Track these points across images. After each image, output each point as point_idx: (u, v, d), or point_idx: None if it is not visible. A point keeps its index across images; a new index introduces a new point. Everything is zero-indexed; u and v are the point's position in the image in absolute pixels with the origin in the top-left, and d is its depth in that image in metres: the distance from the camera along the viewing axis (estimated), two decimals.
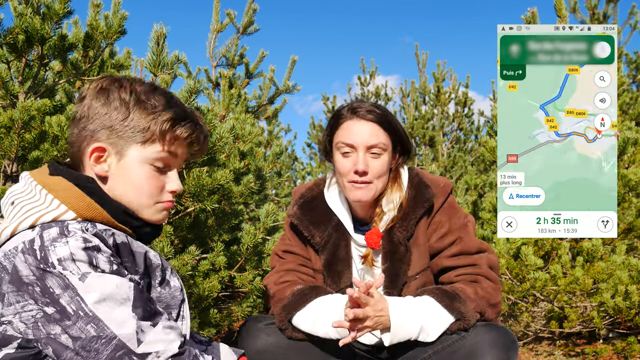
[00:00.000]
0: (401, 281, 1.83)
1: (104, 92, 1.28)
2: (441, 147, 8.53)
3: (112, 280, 1.16)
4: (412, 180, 1.88)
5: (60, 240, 1.15)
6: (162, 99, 1.30)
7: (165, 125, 1.28)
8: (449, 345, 1.67)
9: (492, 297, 1.76)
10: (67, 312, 1.13)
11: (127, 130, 1.26)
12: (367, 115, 1.78)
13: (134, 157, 1.28)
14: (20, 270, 1.14)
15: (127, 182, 1.29)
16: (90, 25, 2.80)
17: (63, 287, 1.13)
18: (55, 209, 1.21)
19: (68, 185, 1.25)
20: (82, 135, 1.28)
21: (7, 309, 1.15)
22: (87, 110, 1.28)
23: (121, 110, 1.26)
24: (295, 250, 1.96)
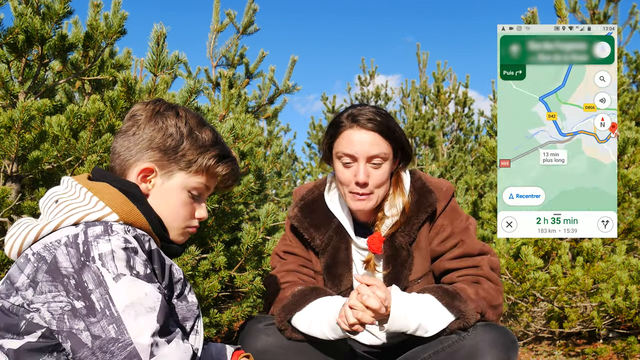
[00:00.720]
0: (402, 286, 1.83)
1: (160, 116, 1.39)
2: (441, 147, 8.53)
3: (143, 288, 1.22)
4: (414, 185, 1.87)
5: (104, 237, 1.22)
6: (211, 134, 1.42)
7: (211, 161, 1.41)
8: (449, 345, 1.67)
9: (494, 298, 1.76)
10: (94, 309, 1.18)
11: (177, 157, 1.38)
12: (367, 124, 1.74)
13: (178, 182, 1.39)
14: (60, 262, 1.20)
15: (164, 203, 1.39)
16: (90, 25, 2.80)
17: (97, 284, 1.18)
18: (100, 210, 1.28)
19: (113, 190, 1.33)
20: (132, 151, 1.38)
21: (38, 297, 1.20)
22: (142, 129, 1.38)
23: (175, 137, 1.37)
24: (296, 251, 1.96)
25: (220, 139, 1.45)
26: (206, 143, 1.40)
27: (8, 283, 1.25)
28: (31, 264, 1.23)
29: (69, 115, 2.49)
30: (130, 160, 1.38)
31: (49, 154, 2.45)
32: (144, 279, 1.23)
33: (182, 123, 1.39)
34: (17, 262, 1.26)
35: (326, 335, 1.69)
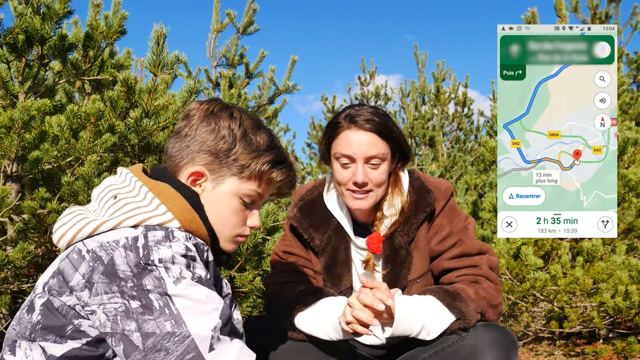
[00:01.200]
0: (401, 285, 1.83)
1: (214, 117, 1.33)
2: (441, 147, 8.53)
3: (203, 291, 1.18)
4: (413, 184, 1.87)
5: (165, 243, 1.18)
6: (266, 138, 1.35)
7: (265, 167, 1.33)
8: (449, 345, 1.67)
9: (493, 298, 1.76)
10: (152, 307, 1.14)
11: (229, 161, 1.31)
12: (365, 125, 1.73)
13: (229, 188, 1.32)
14: (117, 264, 1.16)
15: (214, 210, 1.32)
16: (90, 25, 2.80)
17: (155, 285, 1.15)
18: (162, 215, 1.24)
19: (175, 194, 1.28)
20: (183, 153, 1.32)
21: (94, 298, 1.16)
22: (194, 130, 1.32)
23: (228, 140, 1.31)
24: (296, 251, 1.96)
25: (277, 143, 1.38)
26: (260, 147, 1.33)
27: (61, 280, 1.20)
28: (86, 262, 1.19)
29: (69, 115, 2.49)
30: (181, 162, 1.32)
31: (49, 154, 2.45)
32: (204, 284, 1.19)
33: (235, 125, 1.32)
34: (70, 257, 1.22)
35: (329, 336, 1.69)
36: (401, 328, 1.63)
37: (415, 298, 1.69)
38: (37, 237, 2.59)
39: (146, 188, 1.28)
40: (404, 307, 1.63)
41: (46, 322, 1.19)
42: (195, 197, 1.30)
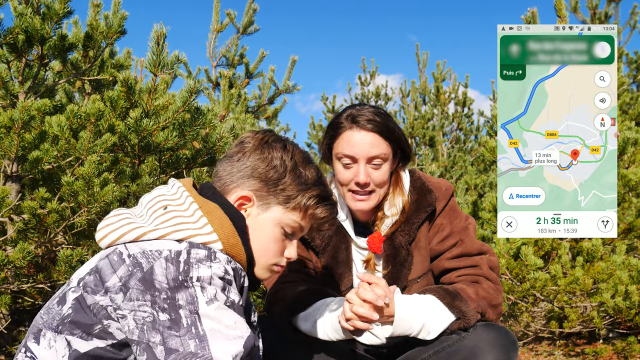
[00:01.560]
0: (402, 285, 1.83)
1: (268, 146, 1.37)
2: (441, 147, 8.53)
3: (233, 317, 1.20)
4: (414, 184, 1.87)
5: (206, 262, 1.20)
6: (315, 173, 1.39)
7: (311, 201, 1.37)
8: (449, 345, 1.67)
9: (493, 298, 1.76)
10: (180, 323, 1.16)
11: (277, 190, 1.34)
12: (367, 125, 1.73)
13: (273, 216, 1.36)
14: (156, 274, 1.18)
15: (256, 236, 1.35)
16: (90, 25, 2.80)
17: (188, 302, 1.16)
18: (207, 235, 1.26)
19: (223, 216, 1.30)
20: (234, 177, 1.36)
21: (127, 303, 1.18)
22: (247, 157, 1.36)
23: (279, 170, 1.35)
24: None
25: (324, 180, 1.42)
26: (309, 181, 1.37)
27: (97, 278, 1.22)
28: (125, 266, 1.20)
29: (69, 115, 2.49)
30: (231, 185, 1.36)
31: (49, 154, 2.45)
32: (236, 309, 1.21)
33: (287, 157, 1.36)
34: (110, 258, 1.23)
35: (329, 336, 1.69)
36: (401, 327, 1.63)
37: (415, 297, 1.69)
38: (37, 237, 2.59)
39: (196, 205, 1.30)
40: (404, 307, 1.63)
41: (76, 317, 1.21)
42: (242, 221, 1.33)
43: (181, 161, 2.81)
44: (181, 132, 2.65)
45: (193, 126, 2.65)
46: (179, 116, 2.66)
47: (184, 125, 2.66)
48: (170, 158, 2.79)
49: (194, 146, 2.85)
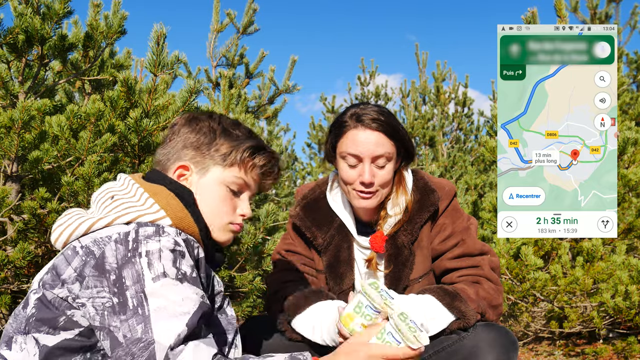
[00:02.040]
0: (403, 284, 1.83)
1: (195, 120, 1.41)
2: (441, 147, 8.53)
3: (182, 292, 1.18)
4: (417, 184, 1.87)
5: (155, 237, 1.22)
6: (246, 131, 1.43)
7: (246, 153, 1.39)
8: (449, 345, 1.67)
9: (494, 298, 1.76)
10: (126, 306, 1.16)
11: (211, 152, 1.38)
12: (372, 124, 1.73)
13: (214, 177, 1.38)
14: (106, 257, 1.20)
15: (204, 200, 1.38)
16: (90, 25, 2.80)
17: (134, 281, 1.17)
18: (154, 213, 1.29)
19: (169, 194, 1.33)
20: (169, 154, 1.40)
21: (84, 291, 1.20)
22: (177, 134, 1.41)
23: (209, 135, 1.39)
24: (298, 250, 1.96)
25: (256, 135, 1.45)
26: (241, 137, 1.41)
27: (54, 274, 1.24)
28: (79, 257, 1.23)
29: (69, 115, 2.49)
30: (167, 162, 1.40)
31: (49, 154, 2.45)
32: (189, 281, 1.21)
33: (215, 123, 1.41)
34: (64, 253, 1.26)
35: (326, 342, 1.69)
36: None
37: (412, 297, 1.69)
38: (37, 237, 2.59)
39: (142, 189, 1.34)
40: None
41: (39, 314, 1.22)
42: (190, 196, 1.36)
43: None
44: None
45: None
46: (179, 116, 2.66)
47: None
48: None
49: None
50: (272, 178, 1.46)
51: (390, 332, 1.30)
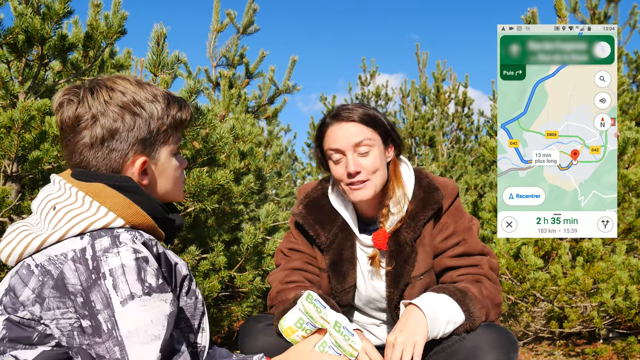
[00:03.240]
0: (404, 281, 1.83)
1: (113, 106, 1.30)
2: (441, 147, 8.53)
3: (150, 314, 1.19)
4: (421, 182, 1.88)
5: (112, 250, 1.18)
6: (158, 92, 1.36)
7: (177, 117, 1.37)
8: (449, 346, 1.67)
9: (495, 297, 1.77)
10: (101, 329, 1.16)
11: (153, 137, 1.33)
12: (349, 117, 1.79)
13: (165, 155, 1.38)
14: (67, 278, 1.17)
15: (166, 179, 1.39)
16: (90, 25, 2.80)
17: (104, 305, 1.16)
18: (104, 217, 1.24)
19: (113, 192, 1.27)
20: (114, 156, 1.30)
21: (46, 313, 1.18)
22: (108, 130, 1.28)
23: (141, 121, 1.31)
24: (301, 248, 1.97)
25: (164, 90, 1.38)
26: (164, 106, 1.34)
27: (12, 296, 1.21)
28: (35, 277, 1.20)
29: None
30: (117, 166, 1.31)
31: (49, 154, 2.46)
32: (156, 290, 1.20)
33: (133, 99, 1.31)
34: (20, 274, 1.23)
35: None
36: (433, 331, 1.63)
37: (432, 296, 1.70)
38: None
39: (82, 192, 1.27)
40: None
41: (12, 334, 1.21)
42: (130, 182, 1.30)
43: None
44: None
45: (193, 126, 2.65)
46: None
47: None
48: None
49: (194, 146, 2.85)
50: (190, 123, 1.46)
51: (331, 347, 1.47)
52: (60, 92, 1.32)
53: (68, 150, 1.32)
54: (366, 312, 1.98)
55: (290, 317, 1.53)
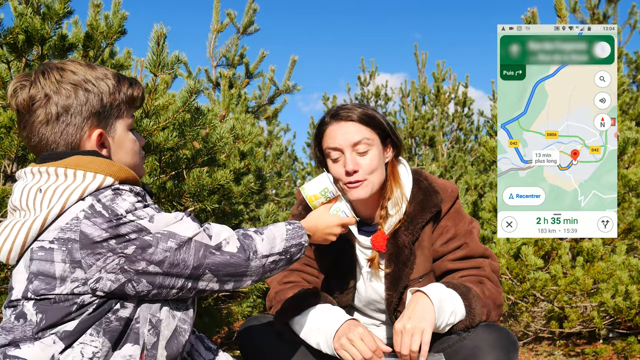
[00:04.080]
0: (403, 284, 1.83)
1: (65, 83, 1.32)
2: (441, 147, 8.53)
3: (168, 214, 1.31)
4: (420, 184, 1.88)
5: (118, 198, 1.25)
6: (108, 71, 1.40)
7: (128, 93, 1.41)
8: (449, 346, 1.67)
9: (497, 298, 1.78)
10: (147, 242, 1.24)
11: (107, 110, 1.37)
12: (347, 116, 1.79)
13: (122, 129, 1.41)
14: (90, 234, 1.21)
15: (125, 152, 1.42)
16: (90, 25, 2.80)
17: (137, 230, 1.24)
18: (94, 180, 1.28)
19: (90, 158, 1.31)
20: (70, 130, 1.33)
21: (90, 270, 1.22)
22: (62, 106, 1.31)
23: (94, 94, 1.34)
24: None
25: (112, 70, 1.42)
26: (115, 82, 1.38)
27: (43, 278, 1.22)
28: (58, 250, 1.22)
29: None
30: (75, 139, 1.33)
31: None
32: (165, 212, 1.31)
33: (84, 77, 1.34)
34: (37, 257, 1.23)
35: (321, 348, 1.69)
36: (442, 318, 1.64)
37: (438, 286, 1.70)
38: None
39: (62, 169, 1.29)
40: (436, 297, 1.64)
41: (50, 316, 1.22)
42: (96, 154, 1.35)
43: (181, 161, 2.81)
44: (181, 132, 2.65)
45: (193, 126, 2.65)
46: (179, 116, 2.66)
47: (184, 125, 2.66)
48: (170, 158, 2.79)
49: (194, 146, 2.85)
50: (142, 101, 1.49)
51: (343, 211, 1.71)
52: (13, 80, 1.35)
53: (26, 132, 1.34)
54: (366, 312, 1.99)
55: (315, 186, 1.72)
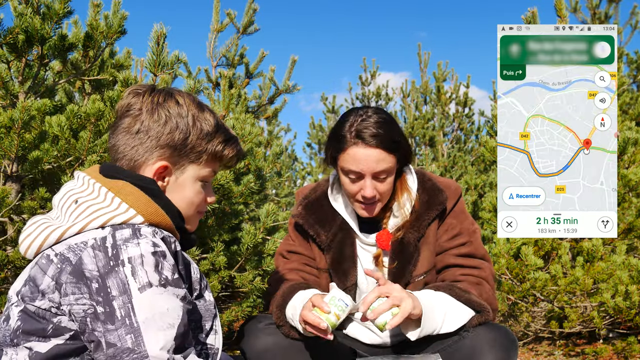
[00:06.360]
0: (405, 281, 1.84)
1: (162, 108, 1.34)
2: (441, 147, 8.53)
3: (166, 303, 1.20)
4: (424, 184, 1.89)
5: (133, 241, 1.20)
6: (212, 119, 1.39)
7: (218, 148, 1.39)
8: (449, 345, 1.67)
9: (493, 302, 1.79)
10: (114, 316, 1.16)
11: (187, 150, 1.35)
12: (372, 142, 1.72)
13: (192, 174, 1.38)
14: (85, 264, 1.18)
15: (180, 196, 1.38)
16: (90, 25, 2.80)
17: (121, 291, 1.17)
18: (125, 213, 1.25)
19: (134, 190, 1.29)
20: (139, 150, 1.33)
21: (64, 299, 1.19)
22: (145, 126, 1.33)
23: (182, 130, 1.34)
24: (299, 250, 1.97)
25: (220, 122, 1.42)
26: (211, 131, 1.37)
27: (32, 286, 1.23)
28: (54, 265, 1.21)
29: (69, 115, 2.49)
30: (140, 159, 1.33)
31: (49, 154, 2.45)
32: (172, 284, 1.21)
33: (184, 112, 1.34)
34: (39, 264, 1.24)
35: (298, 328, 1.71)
36: (427, 328, 1.64)
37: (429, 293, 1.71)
38: None
39: (105, 188, 1.29)
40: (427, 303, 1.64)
41: (26, 326, 1.22)
42: (152, 184, 1.33)
43: None
44: None
45: None
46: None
47: None
48: None
49: None
50: (235, 163, 1.48)
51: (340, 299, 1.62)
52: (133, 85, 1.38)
53: (110, 132, 1.38)
54: None
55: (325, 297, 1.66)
